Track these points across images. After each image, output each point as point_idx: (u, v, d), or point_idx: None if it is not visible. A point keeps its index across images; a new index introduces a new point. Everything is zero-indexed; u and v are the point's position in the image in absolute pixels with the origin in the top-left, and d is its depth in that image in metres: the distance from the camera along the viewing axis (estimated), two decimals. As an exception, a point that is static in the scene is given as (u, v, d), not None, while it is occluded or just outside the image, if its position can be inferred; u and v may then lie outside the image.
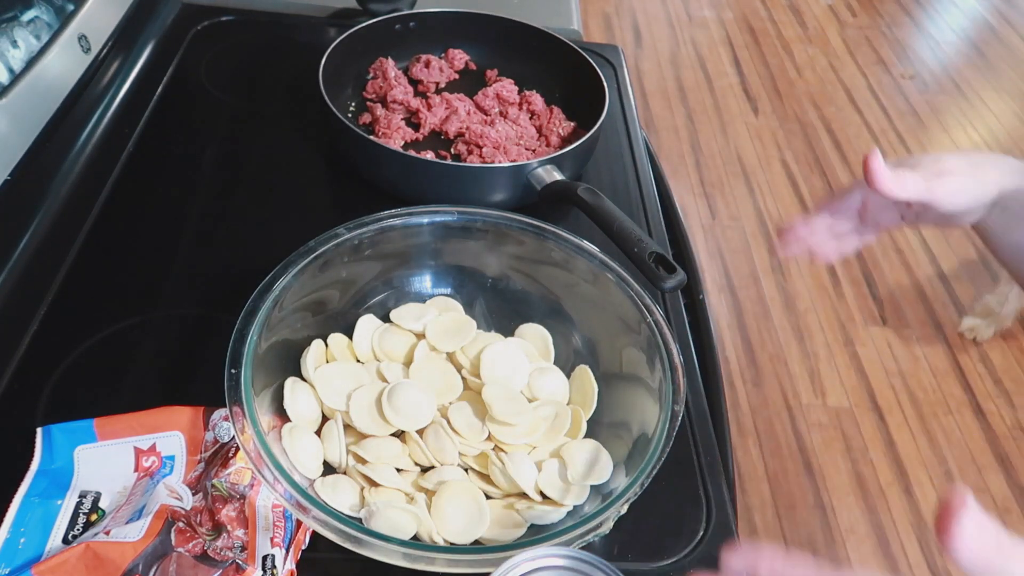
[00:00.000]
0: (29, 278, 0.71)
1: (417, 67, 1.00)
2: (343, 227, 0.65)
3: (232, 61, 1.03)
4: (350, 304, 0.68)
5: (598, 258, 0.67)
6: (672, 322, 0.77)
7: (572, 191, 0.77)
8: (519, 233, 0.69)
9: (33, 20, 0.82)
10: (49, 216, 0.76)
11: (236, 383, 0.53)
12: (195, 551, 0.51)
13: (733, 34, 3.30)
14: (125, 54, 0.97)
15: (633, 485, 0.53)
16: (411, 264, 0.71)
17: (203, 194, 0.84)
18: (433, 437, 0.60)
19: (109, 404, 0.60)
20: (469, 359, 0.66)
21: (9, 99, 0.75)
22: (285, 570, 0.52)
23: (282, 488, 0.50)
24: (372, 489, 0.57)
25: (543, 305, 0.71)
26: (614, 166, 0.96)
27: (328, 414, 0.62)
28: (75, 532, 0.53)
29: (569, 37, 1.01)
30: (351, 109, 0.96)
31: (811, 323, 2.12)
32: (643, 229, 0.76)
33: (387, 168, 0.84)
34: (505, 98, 0.97)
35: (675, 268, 0.69)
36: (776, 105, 2.93)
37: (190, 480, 0.57)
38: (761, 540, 1.66)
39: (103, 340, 0.68)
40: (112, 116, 0.89)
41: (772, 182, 2.58)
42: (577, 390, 0.67)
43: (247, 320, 0.57)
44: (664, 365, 0.59)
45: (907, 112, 2.98)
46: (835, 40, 3.35)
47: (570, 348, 0.70)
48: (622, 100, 1.06)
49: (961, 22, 3.60)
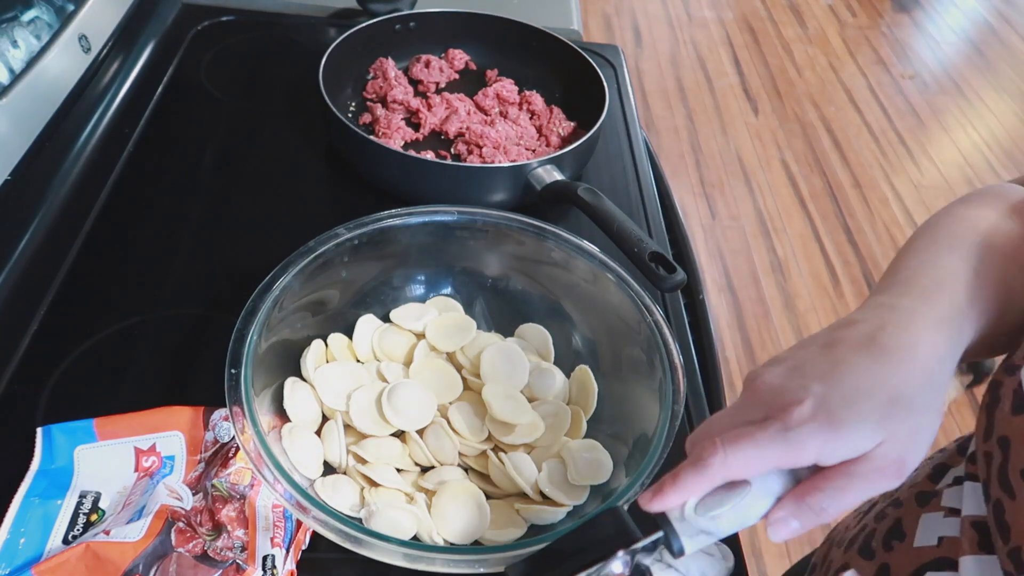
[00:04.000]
0: (29, 278, 0.71)
1: (417, 67, 1.00)
2: (343, 227, 0.65)
3: (232, 61, 1.03)
4: (350, 304, 0.68)
5: (598, 258, 0.67)
6: (672, 322, 0.77)
7: (572, 191, 0.77)
8: (519, 233, 0.69)
9: (33, 20, 0.82)
10: (49, 216, 0.76)
11: (236, 383, 0.53)
12: (195, 551, 0.51)
13: (733, 34, 3.30)
14: (125, 54, 0.97)
15: (633, 485, 0.53)
16: (411, 264, 0.71)
17: (203, 194, 0.84)
18: (433, 437, 0.60)
19: (109, 404, 0.60)
20: (469, 359, 0.66)
21: (9, 99, 0.75)
22: (285, 570, 0.52)
23: (282, 488, 0.50)
24: (372, 489, 0.57)
25: (543, 305, 0.71)
26: (614, 166, 0.96)
27: (328, 414, 0.62)
28: (75, 532, 0.53)
29: (569, 37, 1.01)
30: (351, 109, 0.96)
31: (811, 323, 2.12)
32: (643, 229, 0.76)
33: (387, 168, 0.84)
34: (505, 98, 0.97)
35: (675, 268, 0.69)
36: (776, 105, 2.93)
37: (190, 480, 0.57)
38: (760, 540, 1.66)
39: (103, 340, 0.68)
40: (112, 116, 0.89)
41: (772, 182, 2.58)
42: (577, 390, 0.67)
43: (247, 320, 0.57)
44: (664, 365, 0.59)
45: (907, 112, 2.98)
46: (835, 40, 3.35)
47: (570, 348, 0.70)
48: (622, 100, 1.06)
49: (961, 22, 3.60)
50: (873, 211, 2.53)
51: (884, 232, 2.45)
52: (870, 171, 2.68)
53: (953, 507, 0.47)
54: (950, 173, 2.72)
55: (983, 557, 0.43)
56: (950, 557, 0.45)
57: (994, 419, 0.42)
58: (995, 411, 0.42)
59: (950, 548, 0.46)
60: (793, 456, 0.38)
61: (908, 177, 2.68)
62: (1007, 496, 0.40)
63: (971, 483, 0.46)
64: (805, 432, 0.38)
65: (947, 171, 2.73)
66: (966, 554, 0.44)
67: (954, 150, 2.85)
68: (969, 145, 2.87)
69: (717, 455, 0.39)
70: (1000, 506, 0.41)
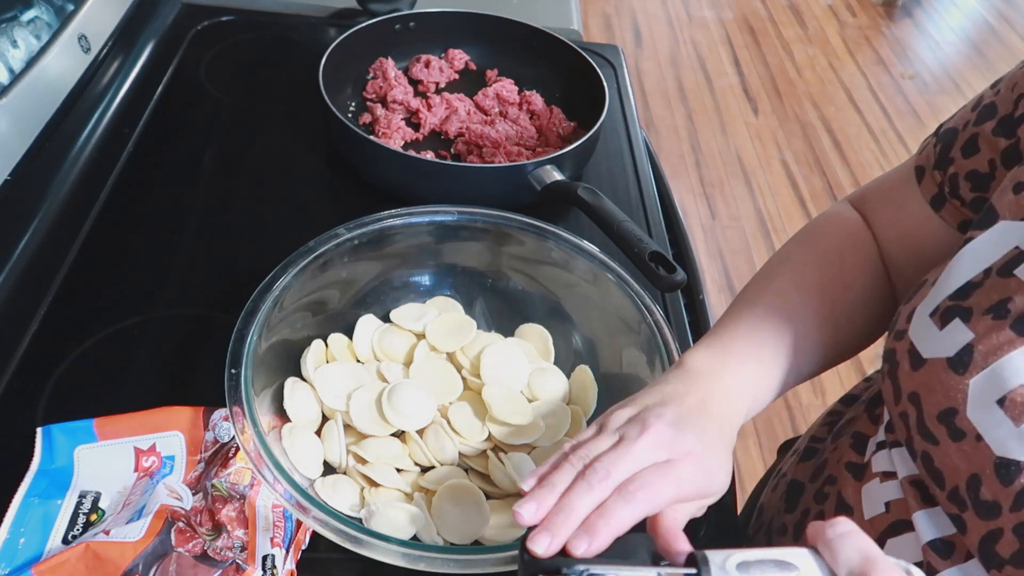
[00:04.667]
0: (29, 278, 0.71)
1: (417, 67, 1.00)
2: (343, 227, 0.65)
3: (232, 61, 1.03)
4: (350, 304, 0.68)
5: (598, 258, 0.67)
6: (672, 322, 0.77)
7: (572, 191, 0.77)
8: (519, 233, 0.69)
9: (33, 20, 0.82)
10: (49, 216, 0.76)
11: (236, 383, 0.53)
12: (195, 551, 0.51)
13: (733, 34, 3.30)
14: (125, 54, 0.97)
15: (633, 485, 0.53)
16: (411, 264, 0.71)
17: (203, 194, 0.84)
18: (433, 437, 0.60)
19: (109, 404, 0.60)
20: (469, 359, 0.66)
21: (9, 99, 0.75)
22: (285, 570, 0.52)
23: (282, 488, 0.50)
24: (372, 489, 0.57)
25: (543, 305, 0.71)
26: (614, 166, 0.96)
27: (328, 414, 0.62)
28: (75, 532, 0.53)
29: (569, 37, 1.01)
30: (351, 109, 0.96)
31: (811, 323, 2.12)
32: (643, 229, 0.76)
33: (387, 168, 0.84)
34: (505, 98, 0.97)
35: (675, 268, 0.69)
36: (776, 105, 2.93)
37: (190, 480, 0.57)
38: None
39: (103, 340, 0.68)
40: (112, 116, 0.89)
41: (772, 182, 2.58)
42: (577, 390, 0.67)
43: (247, 320, 0.57)
44: (664, 365, 0.59)
45: (907, 112, 2.98)
46: (835, 40, 3.35)
47: (570, 348, 0.70)
48: (622, 100, 1.06)
49: (961, 22, 3.60)
50: (873, 211, 2.53)
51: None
52: (870, 171, 2.68)
53: (886, 471, 0.51)
54: (950, 173, 2.72)
55: (931, 510, 0.46)
56: (903, 519, 0.48)
57: (898, 381, 0.47)
58: (897, 373, 0.47)
59: (900, 510, 0.49)
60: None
61: (908, 177, 2.68)
62: (931, 444, 0.44)
63: (897, 449, 0.50)
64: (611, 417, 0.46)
65: (947, 171, 2.73)
66: (915, 511, 0.47)
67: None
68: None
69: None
70: (928, 456, 0.45)
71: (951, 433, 0.43)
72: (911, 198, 0.58)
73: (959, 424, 0.43)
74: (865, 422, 0.57)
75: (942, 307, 0.45)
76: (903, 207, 0.59)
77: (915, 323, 0.47)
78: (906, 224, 0.59)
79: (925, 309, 0.46)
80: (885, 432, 0.53)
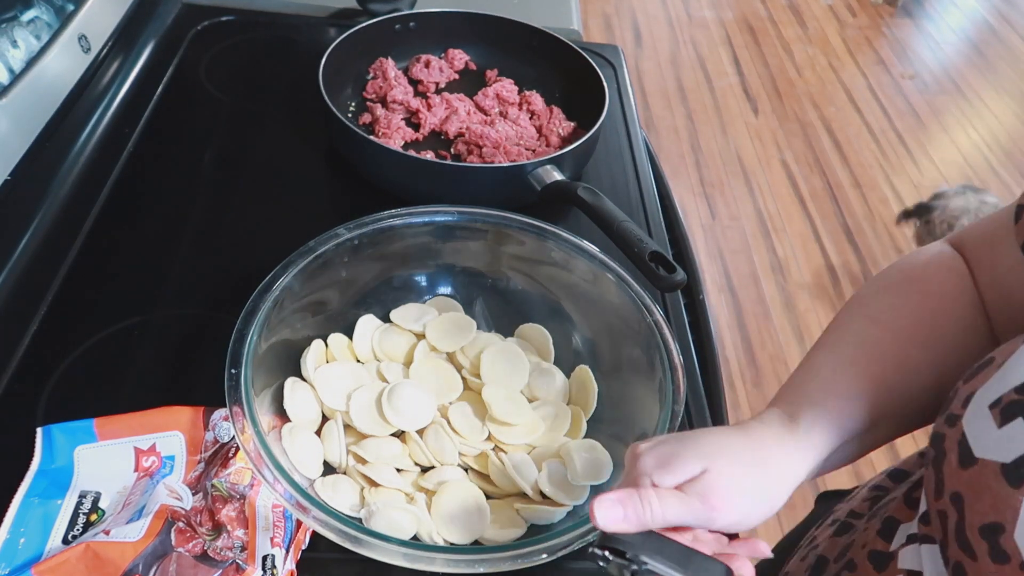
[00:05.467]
0: (29, 278, 0.71)
1: (417, 67, 1.00)
2: (343, 227, 0.65)
3: (232, 61, 1.03)
4: (350, 304, 0.68)
5: (598, 258, 0.67)
6: (672, 322, 0.77)
7: (572, 191, 0.77)
8: (519, 233, 0.69)
9: (33, 20, 0.82)
10: (49, 216, 0.76)
11: (236, 383, 0.53)
12: (195, 551, 0.51)
13: (733, 34, 3.30)
14: (125, 54, 0.97)
15: (633, 485, 0.53)
16: (411, 264, 0.71)
17: (203, 194, 0.84)
18: (433, 437, 0.60)
19: (109, 404, 0.60)
20: (469, 359, 0.66)
21: (9, 99, 0.75)
22: (285, 570, 0.52)
23: (282, 488, 0.50)
24: (372, 489, 0.57)
25: (543, 305, 0.71)
26: (614, 166, 0.96)
27: (328, 414, 0.62)
28: (75, 532, 0.53)
29: (569, 37, 1.01)
30: (351, 109, 0.96)
31: (811, 323, 2.12)
32: (643, 229, 0.76)
33: (387, 168, 0.84)
34: (505, 98, 0.97)
35: (675, 268, 0.69)
36: (776, 105, 2.93)
37: (190, 480, 0.57)
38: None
39: (103, 340, 0.68)
40: (112, 116, 0.89)
41: (772, 182, 2.58)
42: (577, 390, 0.67)
43: (247, 320, 0.57)
44: (664, 365, 0.59)
45: (907, 112, 2.98)
46: (835, 40, 3.35)
47: (570, 348, 0.70)
48: (622, 100, 1.06)
49: (961, 22, 3.60)
50: (873, 211, 2.53)
51: (884, 232, 2.45)
52: (870, 171, 2.68)
53: (912, 569, 0.46)
54: (950, 173, 2.72)
55: None
56: None
57: (943, 474, 0.41)
58: (942, 465, 0.41)
59: None
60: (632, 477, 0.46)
61: (908, 177, 2.69)
62: (968, 557, 0.38)
63: (928, 546, 0.44)
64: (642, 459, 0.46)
65: (947, 171, 2.73)
66: None
67: (954, 150, 2.85)
68: (969, 145, 2.87)
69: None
70: (962, 570, 0.39)
71: (992, 553, 0.36)
72: (1005, 239, 0.51)
73: (1003, 544, 0.36)
74: (900, 505, 0.50)
75: (1005, 399, 0.38)
76: (996, 248, 0.52)
77: (971, 411, 0.39)
78: (996, 268, 0.52)
79: (985, 397, 0.39)
80: (919, 523, 0.46)
